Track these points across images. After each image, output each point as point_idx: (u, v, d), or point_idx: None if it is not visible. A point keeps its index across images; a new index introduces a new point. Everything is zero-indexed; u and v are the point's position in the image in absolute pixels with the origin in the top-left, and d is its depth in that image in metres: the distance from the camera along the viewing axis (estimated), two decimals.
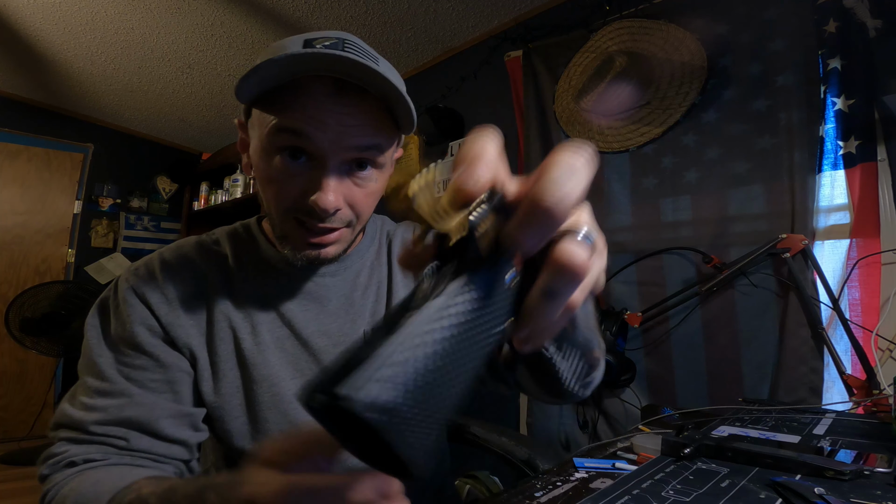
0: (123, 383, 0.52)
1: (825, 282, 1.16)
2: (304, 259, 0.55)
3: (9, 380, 2.93)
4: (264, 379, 0.57)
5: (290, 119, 0.48)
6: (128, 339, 0.54)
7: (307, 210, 0.51)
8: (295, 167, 0.50)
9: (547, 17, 1.94)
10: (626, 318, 1.48)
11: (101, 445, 0.50)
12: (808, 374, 1.19)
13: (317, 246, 0.54)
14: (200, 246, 0.62)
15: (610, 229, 1.66)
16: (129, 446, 0.50)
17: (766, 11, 1.36)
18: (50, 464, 0.49)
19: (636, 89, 1.56)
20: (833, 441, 0.68)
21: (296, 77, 0.48)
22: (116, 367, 0.53)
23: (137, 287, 0.56)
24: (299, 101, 0.48)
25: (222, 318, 0.58)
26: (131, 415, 0.51)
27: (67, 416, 0.51)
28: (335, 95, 0.48)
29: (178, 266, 0.59)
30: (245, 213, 3.09)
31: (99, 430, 0.50)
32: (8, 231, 3.00)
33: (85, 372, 0.54)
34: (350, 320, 0.63)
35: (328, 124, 0.48)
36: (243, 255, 0.62)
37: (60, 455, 0.49)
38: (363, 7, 2.02)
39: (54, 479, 0.48)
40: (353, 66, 0.45)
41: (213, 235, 0.65)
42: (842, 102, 1.21)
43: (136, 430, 0.51)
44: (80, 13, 2.09)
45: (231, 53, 2.40)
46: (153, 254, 0.61)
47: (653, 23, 1.58)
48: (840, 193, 1.22)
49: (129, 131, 3.49)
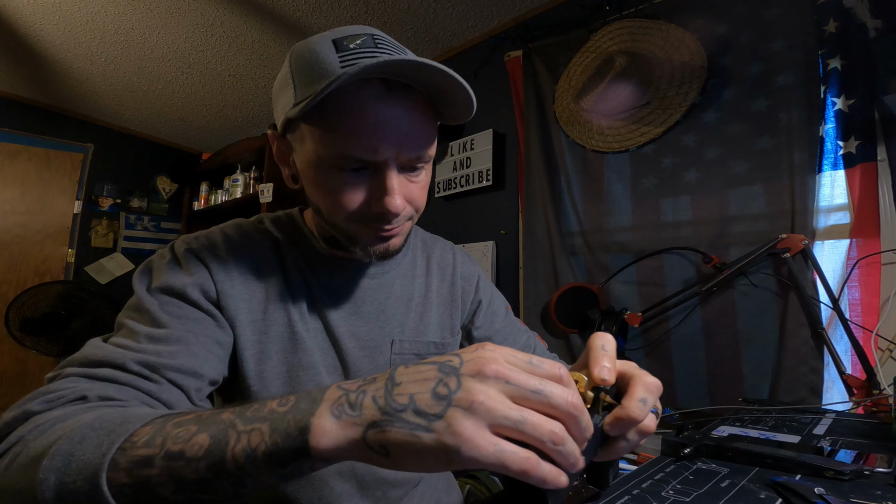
0: (181, 330, 0.48)
1: (825, 282, 1.16)
2: (375, 254, 0.56)
3: (9, 380, 2.93)
4: (311, 366, 0.58)
5: (350, 135, 0.48)
6: (183, 293, 0.51)
7: (374, 216, 0.52)
8: (356, 178, 0.51)
9: (547, 17, 1.94)
10: (626, 318, 1.48)
11: (126, 387, 0.42)
12: (808, 374, 1.19)
13: (385, 239, 0.55)
14: (256, 227, 0.62)
15: (610, 229, 1.66)
16: (159, 392, 0.44)
17: (766, 11, 1.36)
18: (44, 399, 0.38)
19: (636, 89, 1.56)
20: (833, 441, 0.68)
21: (343, 83, 0.46)
22: (171, 316, 0.49)
23: (199, 251, 0.55)
24: (355, 113, 0.47)
25: (277, 300, 0.57)
26: (184, 362, 0.46)
27: (92, 353, 0.44)
28: (388, 98, 0.48)
29: (240, 242, 0.58)
30: (245, 213, 3.08)
31: (136, 368, 0.43)
32: (8, 231, 3.00)
33: (128, 317, 0.49)
34: (379, 327, 0.64)
35: (388, 135, 0.48)
36: (291, 242, 0.62)
37: (64, 390, 0.39)
38: (363, 7, 2.02)
39: (46, 416, 0.36)
40: (417, 66, 0.45)
41: (260, 221, 0.64)
42: (842, 102, 1.21)
43: (177, 385, 0.46)
44: (80, 13, 2.09)
45: (231, 53, 2.40)
46: (212, 228, 0.60)
47: (653, 23, 1.58)
48: (840, 193, 1.22)
49: (129, 131, 3.49)
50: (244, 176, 2.98)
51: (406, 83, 0.49)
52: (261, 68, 2.54)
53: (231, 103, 2.98)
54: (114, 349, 0.45)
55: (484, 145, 2.06)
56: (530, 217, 1.86)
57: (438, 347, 0.69)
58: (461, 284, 0.74)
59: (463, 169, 2.13)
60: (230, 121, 3.25)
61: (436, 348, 0.68)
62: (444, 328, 0.71)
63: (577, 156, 1.76)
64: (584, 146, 1.73)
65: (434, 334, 0.69)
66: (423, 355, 0.67)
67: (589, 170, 1.72)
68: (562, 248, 1.75)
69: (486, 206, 2.09)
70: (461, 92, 0.49)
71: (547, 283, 1.78)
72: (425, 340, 0.67)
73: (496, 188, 2.05)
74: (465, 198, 2.17)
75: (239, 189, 2.98)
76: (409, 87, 0.49)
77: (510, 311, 0.82)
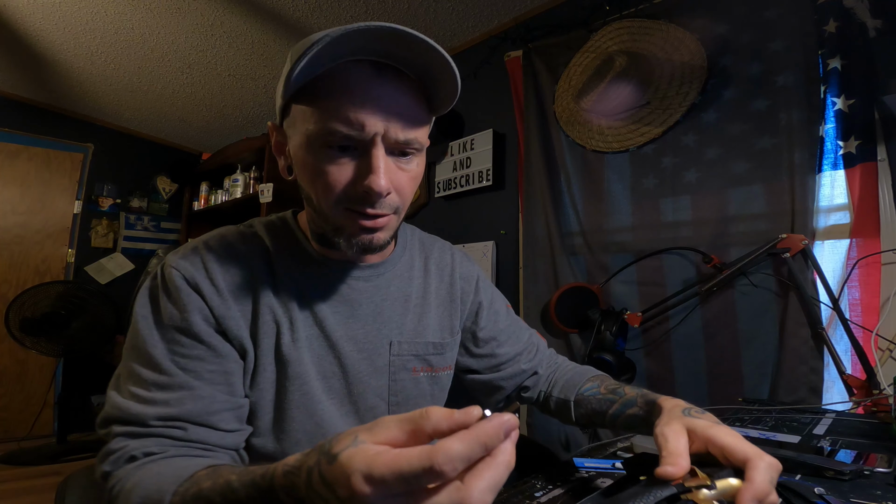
0: (182, 376, 0.51)
1: (825, 282, 1.16)
2: (358, 245, 0.54)
3: (9, 380, 2.93)
4: (297, 376, 0.57)
5: (338, 110, 0.48)
6: (185, 328, 0.53)
7: (359, 197, 0.51)
8: (344, 157, 0.51)
9: (547, 17, 1.94)
10: (626, 318, 1.48)
11: (159, 438, 0.49)
12: (808, 374, 1.19)
13: (369, 231, 0.54)
14: (242, 236, 0.61)
15: (610, 229, 1.66)
16: (187, 437, 0.50)
17: (766, 11, 1.36)
18: (111, 460, 0.49)
19: (636, 89, 1.56)
20: (833, 441, 0.68)
21: (336, 63, 0.48)
22: (172, 359, 0.52)
23: (189, 276, 0.54)
24: (344, 90, 0.48)
25: (267, 311, 0.57)
26: (191, 408, 0.50)
27: (122, 409, 0.50)
28: (377, 78, 0.49)
29: (225, 256, 0.57)
30: (245, 212, 3.09)
31: (159, 423, 0.49)
32: (8, 231, 3.00)
33: (135, 360, 0.53)
34: (376, 329, 0.63)
35: (376, 111, 0.48)
36: (282, 248, 0.61)
37: (120, 451, 0.49)
38: (363, 7, 2.02)
39: (117, 476, 0.48)
40: (397, 37, 0.46)
41: (250, 227, 0.63)
42: (842, 102, 1.21)
43: (195, 424, 0.51)
44: (80, 13, 2.09)
45: (231, 53, 2.40)
46: (196, 241, 0.59)
47: (653, 23, 1.58)
48: (840, 193, 1.22)
49: (129, 131, 3.49)
50: (244, 176, 2.99)
51: (397, 68, 0.50)
52: (261, 68, 2.54)
53: (231, 103, 2.98)
54: (134, 406, 0.50)
55: (484, 145, 2.06)
56: (530, 217, 1.86)
57: (437, 348, 0.68)
58: (460, 285, 0.74)
59: (463, 169, 2.13)
60: (230, 121, 3.25)
61: (434, 349, 0.68)
62: (444, 328, 0.71)
63: (577, 156, 1.76)
64: (584, 146, 1.73)
65: (433, 335, 0.69)
66: (422, 356, 0.67)
67: (589, 170, 1.72)
68: (562, 249, 1.75)
69: (486, 206, 2.09)
70: (447, 70, 0.49)
71: (547, 283, 1.78)
72: (424, 341, 0.67)
73: (496, 188, 2.05)
74: (465, 198, 2.17)
75: (239, 189, 2.99)
76: (399, 72, 0.50)
77: (511, 309, 0.82)
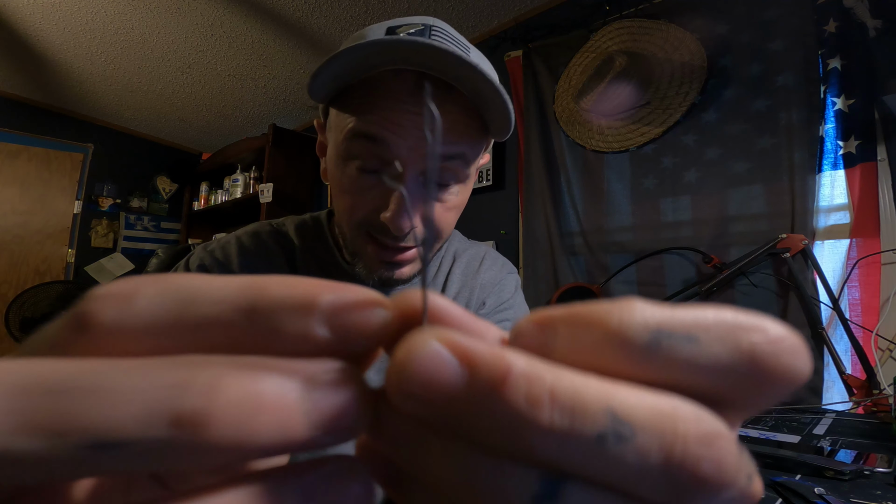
0: None
1: (825, 282, 1.16)
2: (377, 280, 0.50)
3: None
4: None
5: (365, 122, 0.43)
6: None
7: (379, 227, 0.46)
8: (370, 178, 0.45)
9: (547, 17, 1.94)
10: None
11: None
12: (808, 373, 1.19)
13: (391, 266, 0.49)
14: (275, 234, 0.59)
15: (610, 229, 1.66)
16: None
17: (766, 11, 1.36)
18: None
19: (636, 89, 1.56)
20: (833, 441, 0.68)
21: (374, 71, 0.42)
22: None
23: (206, 265, 0.53)
24: (375, 101, 0.43)
25: None
26: None
27: None
28: (416, 94, 0.42)
29: (256, 253, 0.56)
30: (244, 212, 3.09)
31: None
32: (8, 231, 2.99)
33: None
34: None
35: (406, 128, 0.42)
36: (309, 251, 0.58)
37: None
38: (363, 7, 2.02)
39: None
40: (438, 55, 0.39)
41: (282, 225, 0.61)
42: (842, 102, 1.21)
43: None
44: (79, 13, 2.09)
45: (231, 53, 2.40)
46: (230, 236, 0.58)
47: (653, 23, 1.58)
48: (840, 193, 1.22)
49: (129, 131, 3.48)
50: (244, 176, 2.99)
51: (447, 83, 0.42)
52: (261, 68, 2.54)
53: (231, 103, 2.98)
54: None
55: None
56: (530, 217, 1.86)
57: None
58: (477, 293, 0.69)
59: None
60: (230, 121, 3.25)
61: None
62: None
63: (577, 156, 1.76)
64: (584, 146, 1.73)
65: None
66: None
67: (589, 170, 1.72)
68: (562, 248, 1.75)
69: (486, 206, 2.09)
70: (496, 97, 0.42)
71: (547, 283, 1.78)
72: None
73: (496, 188, 2.05)
74: None
75: (239, 189, 2.99)
76: (448, 86, 0.43)
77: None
